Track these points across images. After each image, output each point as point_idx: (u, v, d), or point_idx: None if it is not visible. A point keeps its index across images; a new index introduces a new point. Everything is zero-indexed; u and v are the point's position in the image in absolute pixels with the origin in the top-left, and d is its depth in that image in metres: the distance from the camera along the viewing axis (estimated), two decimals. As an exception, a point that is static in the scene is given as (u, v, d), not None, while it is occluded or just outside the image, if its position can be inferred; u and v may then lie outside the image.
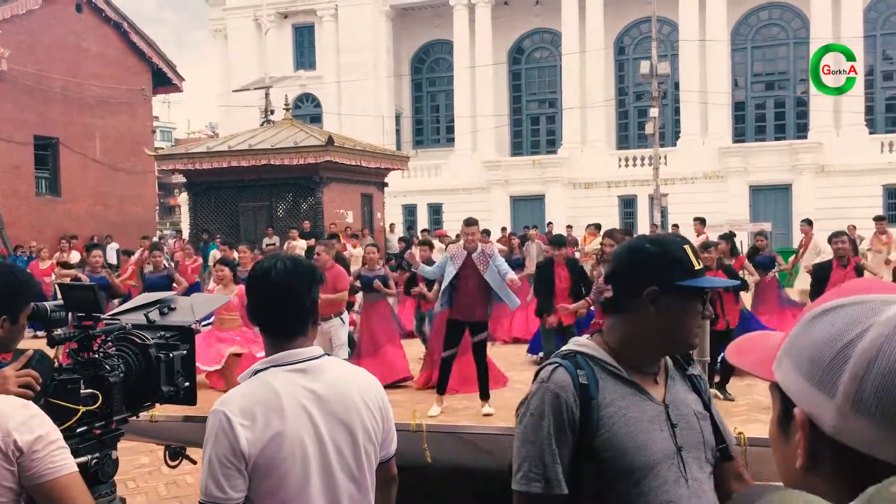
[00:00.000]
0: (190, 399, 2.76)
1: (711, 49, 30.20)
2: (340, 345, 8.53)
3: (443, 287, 7.84)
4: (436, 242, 14.44)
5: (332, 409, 2.04)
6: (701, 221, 17.49)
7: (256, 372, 2.08)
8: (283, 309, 2.10)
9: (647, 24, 28.09)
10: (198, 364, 4.56)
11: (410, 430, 2.76)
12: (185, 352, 2.77)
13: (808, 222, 15.34)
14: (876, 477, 0.77)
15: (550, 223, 23.95)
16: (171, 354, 2.64)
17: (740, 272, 10.96)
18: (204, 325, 9.08)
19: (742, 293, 9.42)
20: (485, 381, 8.13)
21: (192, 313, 3.02)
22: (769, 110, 32.32)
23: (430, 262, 10.32)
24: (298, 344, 2.10)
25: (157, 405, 2.73)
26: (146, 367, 2.59)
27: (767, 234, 14.88)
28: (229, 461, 1.92)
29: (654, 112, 25.15)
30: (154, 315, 2.85)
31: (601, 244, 8.34)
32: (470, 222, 7.97)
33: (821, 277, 8.27)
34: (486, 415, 7.96)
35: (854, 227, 18.84)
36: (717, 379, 7.79)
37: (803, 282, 12.93)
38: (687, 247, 1.86)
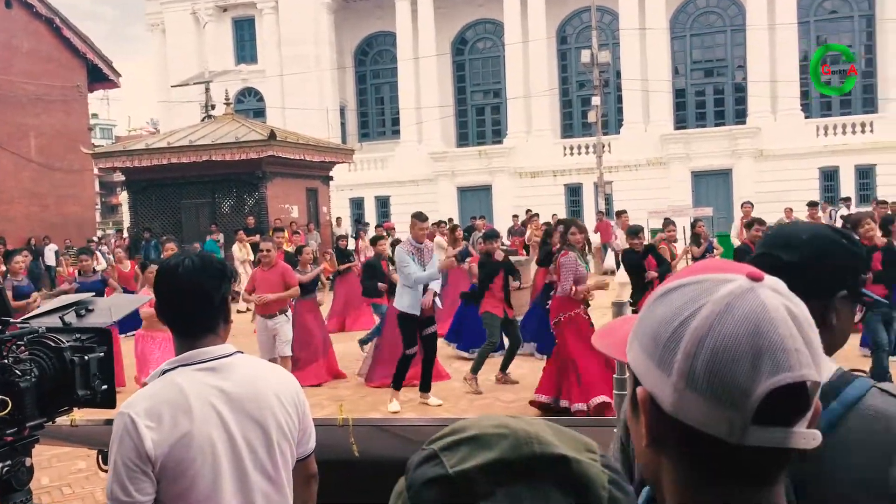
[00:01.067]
0: (108, 402, 2.69)
1: (651, 37, 30.61)
2: (285, 341, 8.46)
3: (415, 283, 7.84)
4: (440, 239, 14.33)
5: (244, 408, 2.01)
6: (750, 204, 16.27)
7: (164, 372, 2.04)
8: (192, 307, 2.06)
9: (589, 13, 28.34)
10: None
11: (337, 424, 2.75)
12: (101, 354, 2.71)
13: (750, 204, 15.66)
14: (713, 453, 0.77)
15: (516, 215, 24.04)
16: (86, 357, 2.57)
17: (684, 258, 11.17)
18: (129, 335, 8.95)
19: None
20: (429, 374, 8.25)
21: (109, 315, 2.96)
22: (709, 97, 32.91)
23: (378, 257, 10.32)
24: (208, 342, 2.06)
25: (77, 409, 2.67)
26: (61, 370, 2.53)
27: (708, 219, 15.17)
28: (135, 464, 1.88)
29: (596, 101, 25.43)
30: (70, 317, 2.78)
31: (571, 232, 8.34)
32: (423, 217, 8.06)
33: (741, 259, 8.51)
34: (438, 405, 8.07)
35: (791, 209, 19.37)
36: None
37: None
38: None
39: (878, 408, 1.26)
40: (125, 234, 22.88)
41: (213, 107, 23.03)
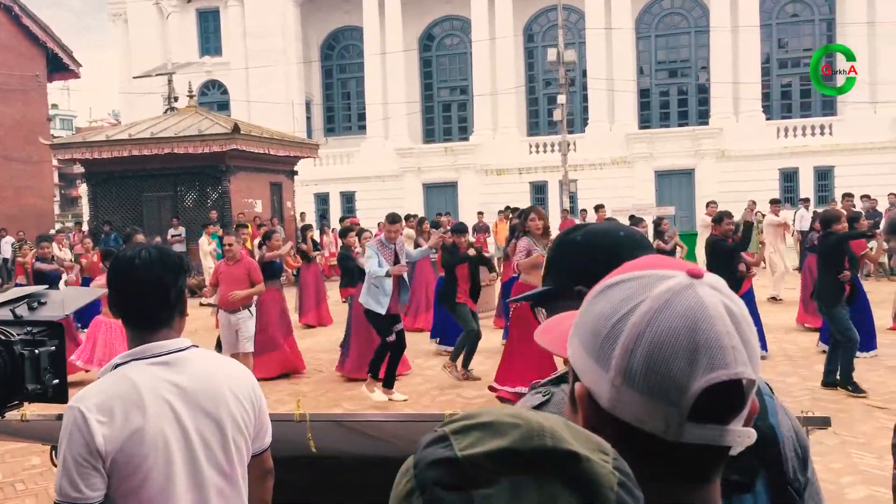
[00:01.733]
0: (60, 397, 2.63)
1: (617, 37, 30.84)
2: (248, 337, 8.37)
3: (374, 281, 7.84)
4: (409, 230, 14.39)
5: (198, 402, 1.98)
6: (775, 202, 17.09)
7: (117, 366, 2.00)
8: (148, 300, 2.03)
9: (555, 11, 28.44)
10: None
11: (294, 420, 2.72)
12: (53, 348, 2.65)
13: (715, 203, 16.02)
14: (649, 450, 0.77)
15: (481, 212, 24.10)
16: (36, 351, 2.52)
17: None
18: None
19: None
20: (394, 371, 8.27)
21: (62, 307, 2.90)
22: (672, 97, 33.24)
23: (348, 250, 10.30)
24: (162, 336, 2.02)
25: (28, 404, 2.61)
26: (10, 364, 2.47)
27: (670, 218, 15.40)
28: (85, 459, 1.84)
29: (561, 99, 25.56)
30: (21, 310, 2.72)
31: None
32: (395, 219, 8.12)
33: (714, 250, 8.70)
34: (403, 401, 8.08)
35: (754, 202, 19.63)
36: None
37: None
38: None
39: None
40: (84, 227, 22.47)
41: (175, 99, 22.75)
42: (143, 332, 2.02)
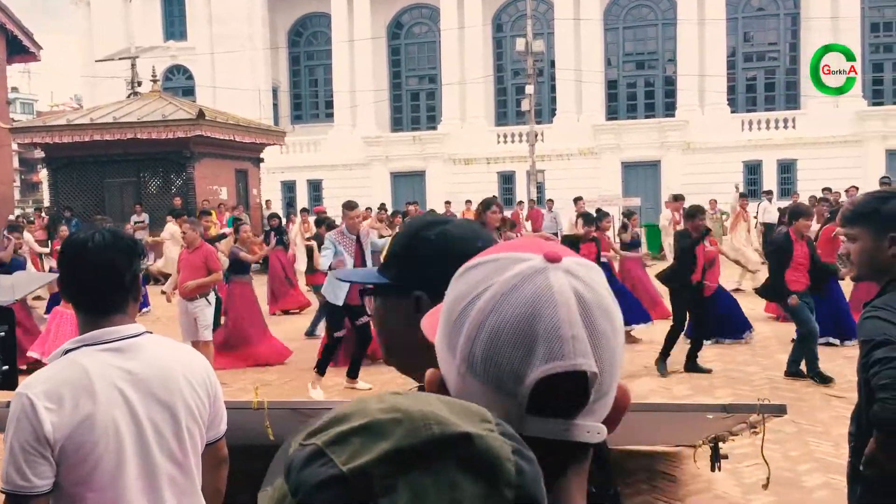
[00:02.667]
0: (9, 384, 2.58)
1: (585, 28, 30.92)
2: (205, 326, 8.27)
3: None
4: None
5: (151, 389, 1.94)
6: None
7: (67, 351, 1.95)
8: (101, 284, 1.97)
9: (524, 1, 28.44)
10: None
11: (252, 408, 2.68)
12: (2, 334, 2.59)
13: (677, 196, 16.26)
14: None
15: (448, 202, 24.06)
16: (-15, 336, 2.46)
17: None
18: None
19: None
20: (359, 362, 8.23)
21: (12, 293, 2.83)
22: (640, 89, 33.43)
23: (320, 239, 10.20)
24: (115, 321, 1.97)
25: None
26: (-42, 351, 2.41)
27: (636, 209, 15.55)
28: (32, 447, 1.80)
29: (529, 89, 25.59)
30: (-29, 295, 2.65)
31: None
32: (352, 205, 7.99)
33: (684, 248, 8.73)
34: (368, 390, 8.05)
35: (715, 201, 19.85)
36: None
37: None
38: None
39: None
40: (44, 213, 22.07)
41: (139, 83, 22.39)
42: (96, 317, 1.97)
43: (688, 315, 8.61)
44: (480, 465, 0.59)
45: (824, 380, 7.88)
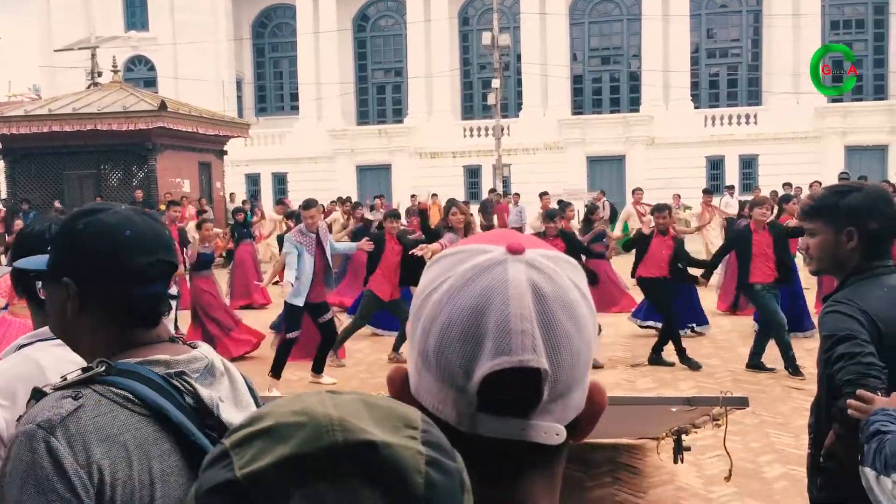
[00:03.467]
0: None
1: (551, 23, 31.02)
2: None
3: (295, 273, 7.61)
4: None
5: (108, 385, 1.89)
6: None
7: (21, 347, 1.90)
8: (55, 277, 1.92)
9: (490, -5, 28.46)
10: None
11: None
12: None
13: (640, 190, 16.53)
14: (452, 443, 0.66)
15: (414, 195, 23.96)
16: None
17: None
18: None
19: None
20: (324, 357, 8.19)
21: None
22: (605, 84, 33.65)
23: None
24: (70, 315, 1.92)
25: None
26: None
27: (599, 204, 15.71)
28: None
29: (496, 83, 25.62)
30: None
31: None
32: (309, 204, 7.88)
33: (639, 245, 8.84)
34: (332, 384, 8.01)
35: (679, 196, 20.07)
36: None
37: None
38: None
39: None
40: (1, 206, 21.61)
41: (99, 74, 22.01)
42: (50, 312, 1.92)
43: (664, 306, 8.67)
44: (385, 476, 0.56)
45: (797, 372, 7.98)
